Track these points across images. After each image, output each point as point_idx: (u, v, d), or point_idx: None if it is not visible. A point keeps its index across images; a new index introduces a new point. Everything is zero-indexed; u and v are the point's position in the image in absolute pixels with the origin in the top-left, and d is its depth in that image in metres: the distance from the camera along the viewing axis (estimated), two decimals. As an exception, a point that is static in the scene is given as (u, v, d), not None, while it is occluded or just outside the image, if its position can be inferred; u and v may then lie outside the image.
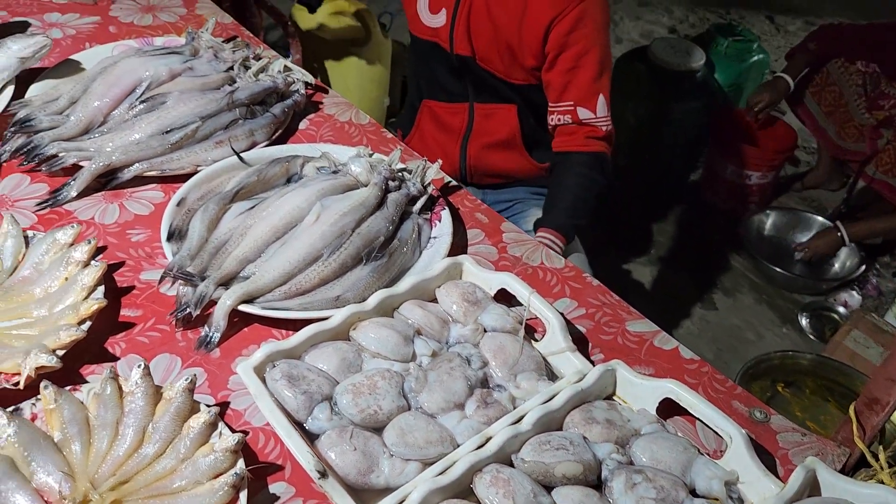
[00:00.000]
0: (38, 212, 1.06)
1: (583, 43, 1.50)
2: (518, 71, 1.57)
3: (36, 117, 1.16)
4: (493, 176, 1.77)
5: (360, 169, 1.10)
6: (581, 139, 1.57)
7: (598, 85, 1.54)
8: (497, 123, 1.69)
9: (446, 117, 1.73)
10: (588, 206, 1.60)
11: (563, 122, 1.57)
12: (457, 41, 1.61)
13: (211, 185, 1.10)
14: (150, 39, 1.39)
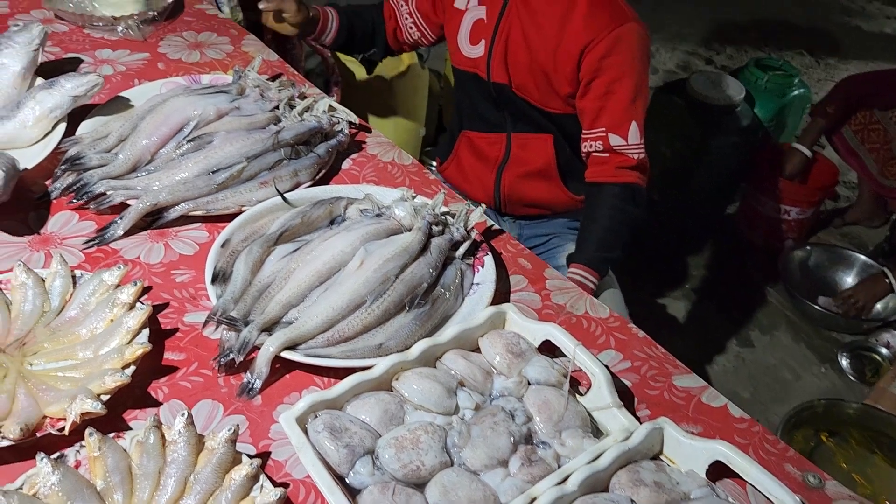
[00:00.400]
0: (85, 250, 1.07)
1: (616, 69, 1.50)
2: (554, 99, 1.58)
3: (86, 155, 1.18)
4: (527, 206, 1.77)
5: (403, 213, 1.10)
6: (612, 169, 1.56)
7: (630, 111, 1.53)
8: (533, 153, 1.69)
9: (484, 147, 1.73)
10: (620, 239, 1.58)
11: (594, 149, 1.56)
12: (494, 70, 1.62)
13: (255, 226, 1.11)
14: (197, 77, 1.41)
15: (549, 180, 1.71)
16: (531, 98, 1.59)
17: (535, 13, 1.55)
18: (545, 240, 1.81)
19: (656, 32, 4.40)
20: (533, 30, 1.55)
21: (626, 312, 1.70)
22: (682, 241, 3.02)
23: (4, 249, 1.06)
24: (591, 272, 1.54)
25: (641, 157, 1.55)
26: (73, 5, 1.54)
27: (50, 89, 1.22)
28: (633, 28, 1.50)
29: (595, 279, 1.55)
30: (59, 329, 0.94)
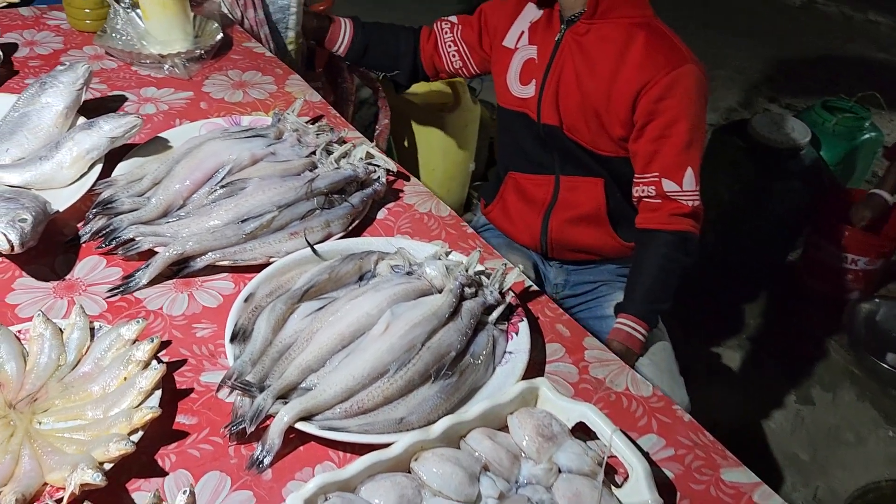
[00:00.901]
0: (108, 298, 1.05)
1: (672, 111, 1.44)
2: (605, 141, 1.53)
3: (118, 199, 1.16)
4: (575, 251, 1.70)
5: (435, 272, 1.04)
6: (665, 216, 1.49)
7: (686, 156, 1.46)
8: (582, 197, 1.63)
9: (531, 189, 1.67)
10: (670, 289, 1.51)
11: (647, 193, 1.49)
12: (544, 110, 1.57)
13: (281, 279, 1.06)
14: (237, 118, 1.39)
15: (598, 226, 1.64)
16: (582, 140, 1.54)
17: (589, 53, 1.50)
18: (593, 287, 1.73)
19: (719, 68, 4.28)
20: (586, 70, 1.49)
21: (675, 366, 1.60)
22: (738, 288, 2.89)
23: (28, 295, 1.04)
24: (641, 323, 1.47)
25: (696, 204, 1.47)
26: (122, 43, 1.54)
27: (88, 130, 1.21)
28: (691, 70, 1.45)
29: (644, 331, 1.47)
30: (72, 385, 0.91)
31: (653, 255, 1.50)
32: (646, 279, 1.51)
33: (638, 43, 1.45)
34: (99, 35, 1.58)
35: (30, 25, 1.65)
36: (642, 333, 1.48)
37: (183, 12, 1.56)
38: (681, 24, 1.62)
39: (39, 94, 1.27)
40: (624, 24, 1.48)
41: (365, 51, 1.81)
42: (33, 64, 1.52)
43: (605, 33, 1.48)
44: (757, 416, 2.42)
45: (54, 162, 1.19)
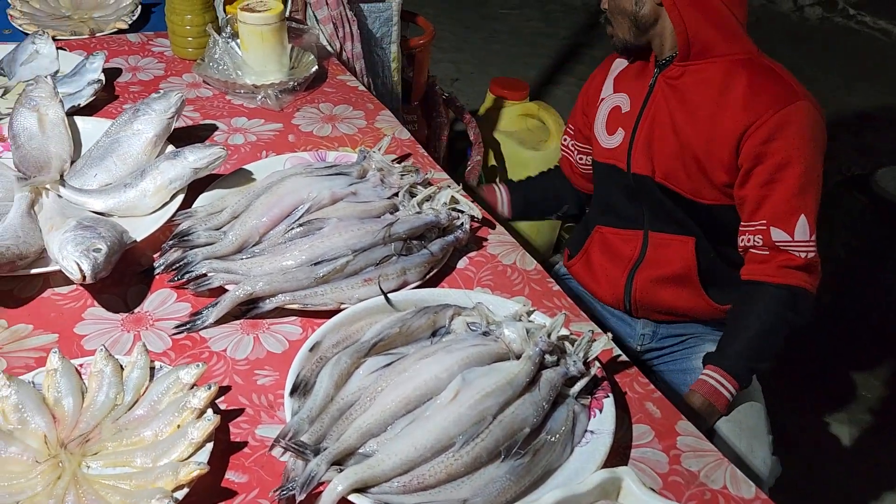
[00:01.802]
0: (174, 335, 1.01)
1: (783, 154, 1.32)
2: (707, 188, 1.42)
3: (195, 231, 1.13)
4: (661, 312, 1.57)
5: (514, 335, 0.95)
6: (773, 269, 1.36)
7: (797, 202, 1.34)
8: (671, 255, 1.51)
9: (617, 244, 1.57)
10: (772, 348, 1.38)
11: (753, 243, 1.36)
12: (635, 159, 1.47)
13: (350, 329, 1.00)
14: (323, 153, 1.35)
15: (687, 287, 1.52)
16: (681, 189, 1.43)
17: (686, 95, 1.39)
18: (681, 339, 1.60)
19: (838, 115, 4.01)
20: (683, 115, 1.39)
21: (764, 425, 1.45)
22: (854, 355, 2.65)
23: (97, 327, 1.02)
24: (731, 380, 1.35)
25: (810, 256, 1.35)
26: (219, 72, 1.55)
27: (173, 160, 1.20)
28: (804, 107, 1.33)
29: (733, 389, 1.35)
30: (126, 427, 0.87)
31: (757, 309, 1.37)
32: (745, 333, 1.37)
33: (740, 81, 1.35)
34: (198, 63, 1.59)
35: (135, 51, 1.68)
36: (730, 391, 1.35)
37: (280, 44, 1.56)
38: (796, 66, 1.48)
39: (132, 120, 1.28)
40: (722, 63, 1.38)
41: (526, 206, 1.76)
42: (133, 89, 1.55)
43: (702, 74, 1.39)
44: (866, 498, 2.19)
45: (138, 190, 1.18)
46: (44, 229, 1.09)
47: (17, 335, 0.99)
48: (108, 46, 1.69)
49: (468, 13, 5.18)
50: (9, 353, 0.96)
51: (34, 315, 1.02)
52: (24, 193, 1.14)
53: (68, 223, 1.05)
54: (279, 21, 1.53)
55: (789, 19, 5.21)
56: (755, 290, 1.39)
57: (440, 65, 4.52)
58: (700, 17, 1.36)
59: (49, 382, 0.89)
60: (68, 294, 1.06)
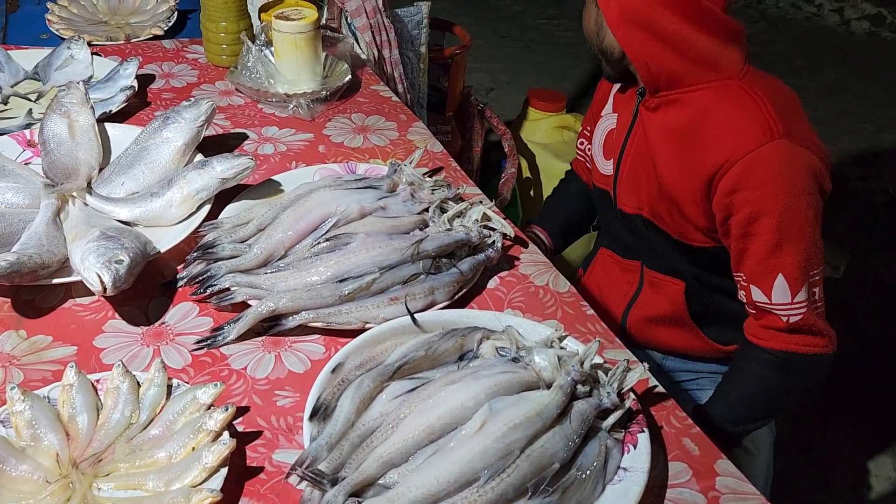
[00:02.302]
0: (194, 351, 0.99)
1: (751, 206, 1.15)
2: (691, 231, 1.29)
3: (220, 244, 1.11)
4: (659, 350, 1.49)
5: (545, 363, 0.91)
6: (760, 329, 1.25)
7: (773, 261, 1.17)
8: (661, 298, 1.40)
9: (617, 272, 1.49)
10: (764, 412, 1.31)
11: (742, 298, 1.26)
12: (620, 195, 1.38)
13: (375, 350, 0.96)
14: (353, 165, 1.32)
15: (682, 328, 1.42)
16: (668, 229, 1.32)
17: (662, 129, 1.25)
18: (693, 377, 1.51)
19: (884, 132, 3.89)
20: (660, 149, 1.26)
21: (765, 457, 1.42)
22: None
23: (116, 339, 1.00)
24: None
25: (794, 320, 1.20)
26: (251, 80, 1.53)
27: (201, 169, 1.17)
28: (776, 148, 1.13)
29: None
30: (140, 448, 0.84)
31: (746, 370, 1.28)
32: (730, 395, 1.29)
33: (713, 117, 1.18)
34: (231, 71, 1.58)
35: (170, 58, 1.68)
36: None
37: (314, 53, 1.53)
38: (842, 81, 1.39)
39: (161, 128, 1.26)
40: (698, 94, 1.21)
41: (566, 238, 1.68)
42: (166, 96, 1.54)
43: (675, 106, 1.23)
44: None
45: (164, 199, 1.16)
46: (68, 238, 1.08)
47: (36, 346, 0.97)
48: (143, 52, 1.68)
49: (505, 23, 5.15)
50: (27, 365, 0.94)
51: (54, 326, 1.00)
52: (50, 201, 1.13)
53: (92, 233, 1.04)
54: (314, 29, 1.51)
55: (835, 33, 5.08)
56: (745, 349, 1.28)
57: (476, 74, 4.49)
58: (658, 47, 1.19)
59: (64, 398, 0.87)
60: (90, 305, 1.04)
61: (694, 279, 1.35)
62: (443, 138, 2.52)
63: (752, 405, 1.29)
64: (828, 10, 5.35)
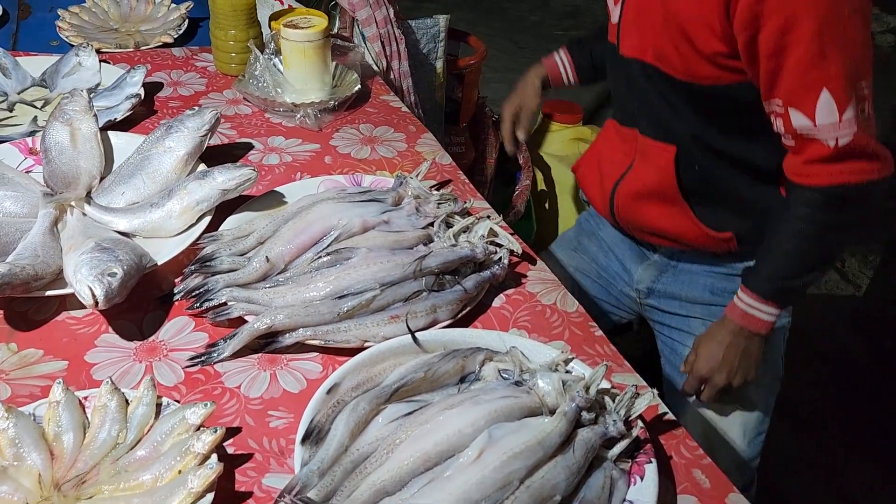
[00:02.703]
0: (187, 368, 0.96)
1: (784, 11, 1.02)
2: (701, 64, 1.16)
3: (219, 256, 1.08)
4: (649, 233, 1.40)
5: (549, 388, 0.87)
6: (801, 164, 1.14)
7: (816, 74, 1.04)
8: (650, 168, 1.31)
9: (617, 143, 1.39)
10: (812, 260, 1.20)
11: (778, 129, 1.13)
12: (624, 39, 1.27)
13: (373, 371, 0.93)
14: (359, 177, 1.29)
15: (670, 205, 1.31)
16: (673, 70, 1.20)
17: None
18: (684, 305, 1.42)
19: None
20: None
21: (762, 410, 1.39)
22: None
23: (108, 355, 0.97)
24: (766, 303, 1.21)
25: (846, 141, 1.07)
26: (258, 89, 1.51)
27: (202, 180, 1.15)
28: None
29: (773, 310, 1.22)
30: (125, 469, 0.81)
31: (787, 217, 1.18)
32: (778, 247, 1.19)
33: None
34: (238, 80, 1.56)
35: (179, 66, 1.66)
36: (769, 313, 1.21)
37: (323, 62, 1.51)
38: None
39: (164, 137, 1.24)
40: None
41: (593, 65, 1.56)
42: (173, 105, 1.52)
43: None
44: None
45: (164, 210, 1.14)
46: (64, 249, 1.05)
47: (26, 360, 0.95)
48: (152, 60, 1.67)
49: (522, 34, 5.12)
50: (15, 380, 0.92)
51: (46, 339, 0.98)
52: (48, 210, 1.11)
53: (87, 244, 1.01)
54: (323, 38, 1.49)
55: (860, 46, 4.99)
56: (790, 192, 1.19)
57: (492, 85, 4.46)
58: None
59: (50, 415, 0.84)
60: (83, 318, 1.02)
61: (692, 138, 1.25)
62: (456, 149, 2.49)
63: (805, 252, 1.18)
64: (852, 22, 5.27)
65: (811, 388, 2.64)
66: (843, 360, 2.76)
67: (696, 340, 1.33)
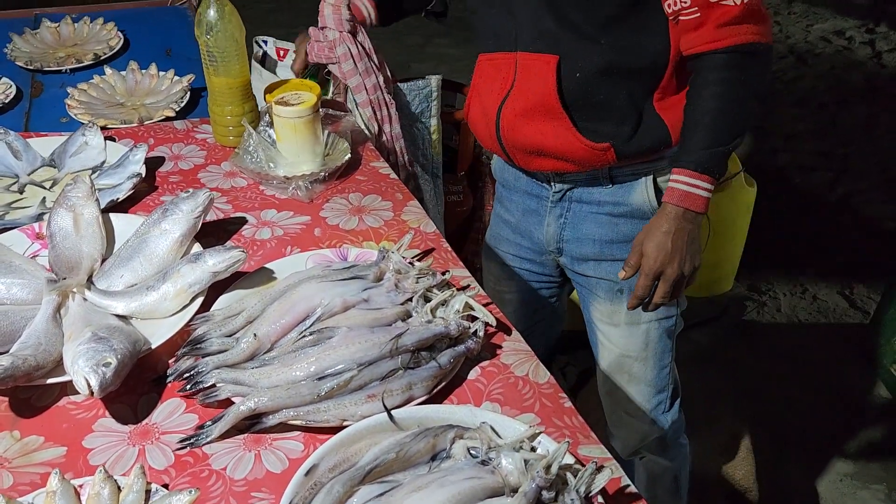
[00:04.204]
0: (177, 451, 1.02)
1: None
2: None
3: (209, 339, 1.15)
4: (535, 154, 1.47)
5: (511, 467, 0.92)
6: (712, 31, 1.23)
7: None
8: (533, 81, 1.38)
9: (491, 73, 1.48)
10: (739, 123, 1.29)
11: (679, 5, 1.22)
12: None
13: (349, 451, 0.98)
14: (345, 251, 1.36)
15: (552, 119, 1.39)
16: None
17: None
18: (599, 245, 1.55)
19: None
20: None
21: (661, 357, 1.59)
22: None
23: (104, 439, 1.04)
24: (701, 177, 1.28)
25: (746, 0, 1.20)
26: (253, 163, 1.59)
27: (194, 263, 1.22)
28: None
29: (708, 184, 1.28)
30: (116, 556, 0.88)
31: (705, 86, 1.26)
32: (702, 118, 1.26)
33: None
34: (234, 154, 1.64)
35: (180, 139, 1.75)
36: (705, 188, 1.27)
37: (313, 135, 1.59)
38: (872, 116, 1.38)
39: (160, 220, 1.31)
40: None
41: (393, 6, 1.72)
42: (173, 179, 1.60)
43: None
44: None
45: (159, 293, 1.21)
46: (65, 336, 1.13)
47: (28, 448, 1.02)
48: (154, 134, 1.75)
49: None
50: (17, 468, 0.99)
51: (48, 426, 1.05)
52: (51, 297, 1.19)
53: (84, 333, 1.09)
54: (312, 113, 1.56)
55: (866, 67, 5.00)
56: (700, 65, 1.27)
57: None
58: None
59: (48, 505, 0.91)
60: (82, 403, 1.09)
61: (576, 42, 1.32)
62: (454, 197, 2.55)
63: (727, 113, 1.26)
64: (858, 42, 5.28)
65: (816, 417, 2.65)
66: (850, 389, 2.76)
67: (637, 239, 1.39)
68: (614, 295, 1.60)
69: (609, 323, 1.64)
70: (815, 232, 3.60)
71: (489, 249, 1.85)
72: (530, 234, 1.69)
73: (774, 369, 2.87)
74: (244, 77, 1.67)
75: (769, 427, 2.55)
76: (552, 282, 1.79)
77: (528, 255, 1.74)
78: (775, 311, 3.18)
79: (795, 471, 2.48)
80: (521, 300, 1.82)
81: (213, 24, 1.58)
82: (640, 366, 1.65)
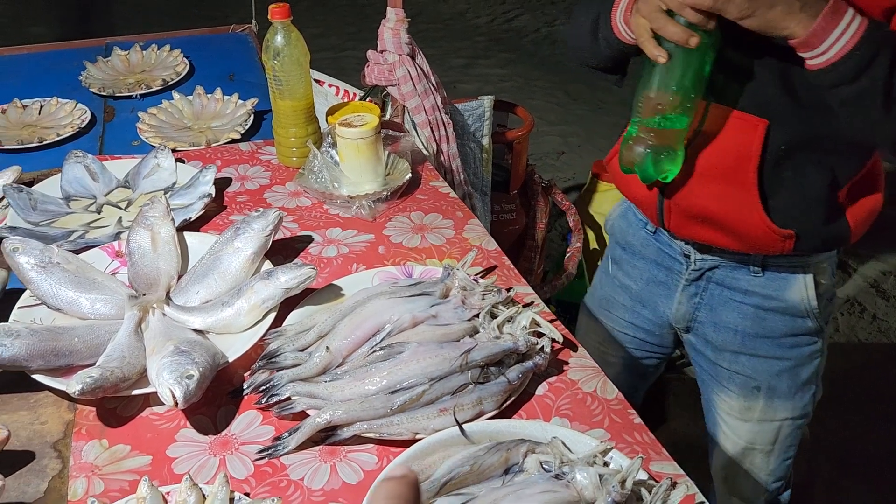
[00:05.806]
0: (256, 461, 1.05)
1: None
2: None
3: (282, 353, 1.18)
4: (698, 221, 1.30)
5: (586, 481, 0.93)
6: None
7: None
8: (730, 143, 1.19)
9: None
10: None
11: None
12: None
13: (423, 463, 1.01)
14: (410, 268, 1.39)
15: (737, 188, 1.20)
16: None
17: None
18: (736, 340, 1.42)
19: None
20: None
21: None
22: None
23: (187, 449, 1.08)
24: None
25: None
26: (317, 183, 1.63)
27: (266, 280, 1.26)
28: None
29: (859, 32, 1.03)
30: (204, 562, 0.91)
31: None
32: None
33: None
34: (299, 174, 1.68)
35: (245, 160, 1.80)
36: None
37: (375, 155, 1.62)
38: None
39: (233, 238, 1.36)
40: None
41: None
42: (241, 199, 1.65)
43: None
44: None
45: (234, 309, 1.25)
46: (147, 350, 1.17)
47: (116, 456, 1.06)
48: (221, 156, 1.82)
49: (575, 84, 5.22)
50: (107, 475, 1.03)
51: (132, 435, 1.09)
52: (133, 312, 1.24)
53: (167, 347, 1.13)
54: (374, 134, 1.60)
55: None
56: None
57: (546, 138, 4.56)
58: None
59: (138, 511, 0.95)
60: (164, 414, 1.13)
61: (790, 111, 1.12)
62: (507, 216, 2.58)
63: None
64: None
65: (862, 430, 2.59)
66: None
67: None
68: (749, 392, 1.48)
69: (739, 418, 1.53)
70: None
71: (596, 309, 1.74)
72: (654, 306, 1.58)
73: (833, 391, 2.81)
74: (308, 100, 1.72)
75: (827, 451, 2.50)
76: (663, 354, 1.70)
77: (645, 326, 1.64)
78: (833, 331, 3.12)
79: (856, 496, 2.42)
80: (624, 365, 1.73)
81: (279, 50, 1.63)
82: (762, 458, 1.56)
